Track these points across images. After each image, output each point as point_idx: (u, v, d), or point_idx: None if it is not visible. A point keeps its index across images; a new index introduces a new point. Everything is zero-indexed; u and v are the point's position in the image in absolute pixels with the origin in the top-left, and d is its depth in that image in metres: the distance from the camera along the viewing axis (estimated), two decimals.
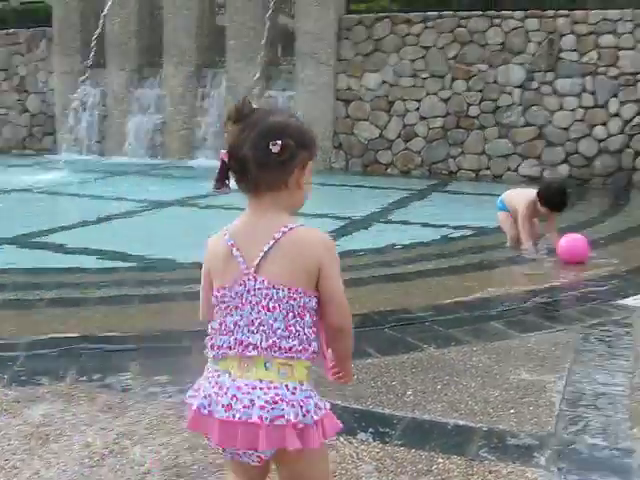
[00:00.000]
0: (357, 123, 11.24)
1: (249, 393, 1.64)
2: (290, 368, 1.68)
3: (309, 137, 1.77)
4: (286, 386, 1.66)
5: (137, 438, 2.53)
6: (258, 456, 1.68)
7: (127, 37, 12.80)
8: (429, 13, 10.84)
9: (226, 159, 1.73)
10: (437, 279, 4.91)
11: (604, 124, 10.09)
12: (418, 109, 10.89)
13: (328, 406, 1.73)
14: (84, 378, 3.06)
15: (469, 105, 10.64)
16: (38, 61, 13.84)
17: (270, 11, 11.51)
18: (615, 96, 10.00)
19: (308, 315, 1.70)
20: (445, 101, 10.75)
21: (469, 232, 6.82)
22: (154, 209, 8.16)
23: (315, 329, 1.73)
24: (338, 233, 6.80)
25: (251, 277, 1.68)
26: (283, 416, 1.62)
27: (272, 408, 1.62)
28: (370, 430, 2.62)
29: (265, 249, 1.68)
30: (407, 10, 11.17)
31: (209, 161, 11.97)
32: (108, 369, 3.15)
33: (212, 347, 1.73)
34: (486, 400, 2.89)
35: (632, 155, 9.99)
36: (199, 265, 1.81)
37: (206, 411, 1.67)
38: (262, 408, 1.62)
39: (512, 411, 2.81)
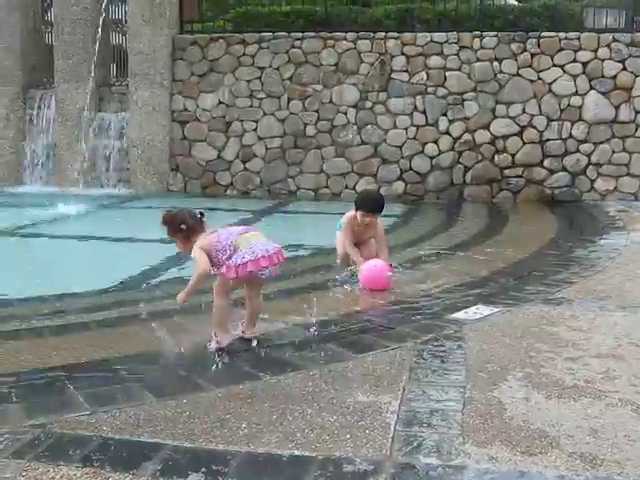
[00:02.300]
0: (194, 144, 11.06)
1: None
2: None
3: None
4: None
5: None
6: None
7: None
8: (263, 34, 10.88)
9: None
10: (269, 303, 4.82)
11: (435, 142, 10.48)
12: (256, 129, 10.87)
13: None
14: None
15: (306, 125, 10.74)
16: None
17: (100, 30, 11.13)
18: (444, 115, 10.42)
19: None
20: (282, 121, 10.80)
21: (306, 252, 6.80)
22: None
23: None
24: (170, 260, 6.54)
25: None
26: None
27: None
28: (202, 470, 2.50)
29: None
30: (242, 31, 11.16)
31: (39, 187, 11.41)
32: None
33: None
34: (322, 427, 2.84)
35: (462, 171, 10.43)
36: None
37: None
38: None
39: (348, 436, 2.77)
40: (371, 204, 5.50)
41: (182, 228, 3.84)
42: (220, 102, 10.94)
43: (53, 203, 9.48)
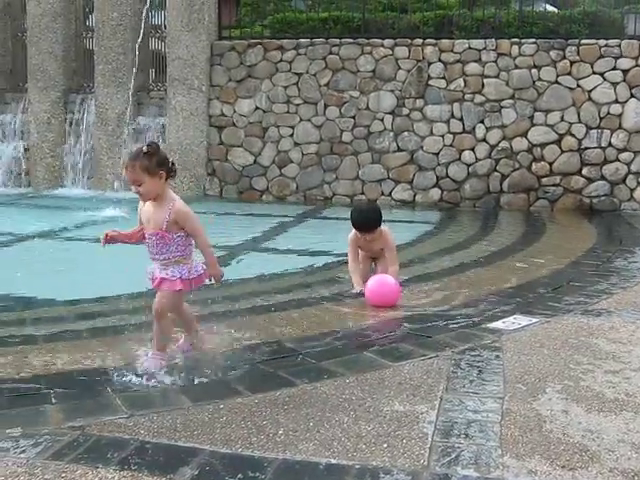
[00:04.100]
0: (231, 149, 11.13)
1: None
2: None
3: None
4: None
5: None
6: None
7: None
8: (301, 40, 10.91)
9: None
10: (305, 310, 4.82)
11: (472, 149, 10.42)
12: (292, 135, 10.90)
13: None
14: None
15: (342, 131, 10.75)
16: None
17: (140, 36, 11.26)
18: (482, 122, 10.36)
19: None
20: (318, 127, 10.82)
21: (336, 259, 6.64)
22: (16, 242, 7.72)
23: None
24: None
25: None
26: None
27: None
28: (239, 476, 2.50)
29: None
30: (279, 37, 11.21)
31: (78, 190, 11.56)
32: None
33: None
34: (359, 435, 2.82)
35: (499, 178, 10.36)
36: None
37: None
38: None
39: (385, 445, 2.75)
40: (356, 223, 5.13)
41: (167, 163, 3.46)
42: (257, 108, 11.00)
43: (91, 206, 9.61)
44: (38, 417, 2.98)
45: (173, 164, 3.50)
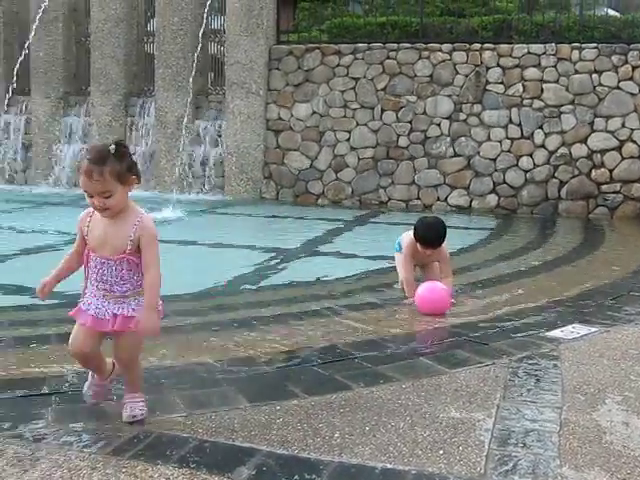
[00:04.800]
0: (288, 153, 11.21)
1: None
2: None
3: None
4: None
5: None
6: None
7: (52, 64, 12.53)
8: (359, 45, 10.94)
9: None
10: (360, 314, 4.83)
11: (530, 155, 10.30)
12: (348, 139, 10.93)
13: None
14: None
15: (399, 136, 10.73)
16: None
17: (200, 41, 11.43)
18: (540, 128, 10.24)
19: None
20: (375, 132, 10.83)
21: (391, 264, 6.66)
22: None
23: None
24: (268, 265, 6.72)
25: None
26: None
27: None
28: (295, 477, 2.52)
29: None
30: (337, 41, 11.25)
31: (137, 192, 11.77)
32: (20, 417, 2.97)
33: None
34: (415, 441, 2.82)
35: (557, 185, 10.22)
36: None
37: None
38: None
39: (441, 452, 2.74)
40: (429, 239, 5.02)
41: (136, 165, 2.87)
42: (314, 112, 11.06)
43: (151, 208, 9.77)
44: (100, 413, 3.05)
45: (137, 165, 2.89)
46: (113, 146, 2.74)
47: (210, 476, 2.52)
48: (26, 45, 12.25)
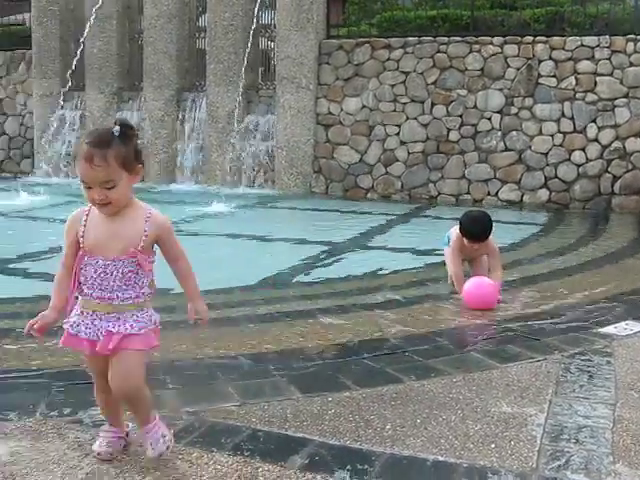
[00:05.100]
0: (337, 147, 11.24)
1: None
2: None
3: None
4: None
5: (107, 479, 2.45)
6: None
7: (106, 60, 12.76)
8: (409, 38, 10.90)
9: None
10: (411, 308, 4.84)
11: (583, 149, 10.15)
12: (398, 134, 10.91)
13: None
14: (54, 413, 2.97)
15: (449, 130, 10.67)
16: (17, 83, 13.77)
17: (251, 36, 11.53)
18: (593, 121, 10.08)
19: None
20: (425, 126, 10.78)
21: (438, 259, 6.64)
22: None
23: None
24: (318, 259, 6.77)
25: None
26: None
27: None
28: (348, 467, 2.56)
29: None
30: (387, 35, 11.23)
31: (189, 185, 11.95)
32: (79, 403, 3.06)
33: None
34: (466, 434, 2.83)
35: (610, 180, 10.05)
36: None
37: None
38: None
39: (493, 446, 2.75)
40: (475, 233, 4.97)
41: (141, 156, 2.46)
42: (364, 106, 11.06)
43: (202, 201, 9.92)
44: (156, 401, 3.13)
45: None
46: (117, 127, 2.34)
47: (264, 464, 2.57)
48: (81, 42, 12.50)
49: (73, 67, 12.33)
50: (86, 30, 12.43)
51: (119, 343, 2.38)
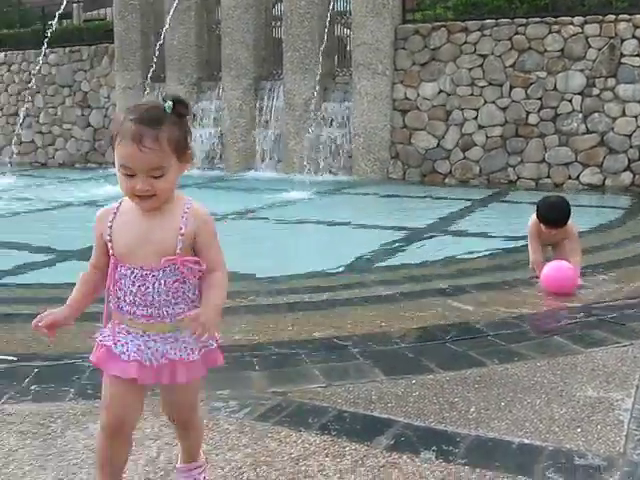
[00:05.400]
0: (414, 133, 11.20)
1: None
2: None
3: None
4: None
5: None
6: None
7: (186, 52, 13.02)
8: (486, 21, 10.76)
9: None
10: (492, 293, 4.83)
11: None
12: (476, 118, 10.80)
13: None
14: (150, 392, 3.09)
15: (528, 113, 10.50)
16: (100, 77, 14.21)
17: (327, 23, 11.57)
18: None
19: None
20: (503, 109, 10.64)
21: (519, 243, 6.59)
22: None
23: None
24: (397, 244, 6.80)
25: None
26: None
27: None
28: (433, 448, 2.60)
29: None
30: (463, 18, 11.10)
31: (267, 173, 12.12)
32: None
33: None
34: (552, 418, 2.84)
35: None
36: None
37: None
38: None
39: (579, 430, 2.74)
40: (552, 219, 4.90)
41: (190, 143, 2.00)
42: (441, 91, 10.99)
43: (281, 188, 10.05)
44: (244, 382, 3.23)
45: None
46: (170, 102, 1.90)
47: (350, 444, 2.64)
48: (161, 34, 12.78)
49: (154, 59, 12.61)
50: (166, 23, 12.70)
51: (188, 373, 2.04)
